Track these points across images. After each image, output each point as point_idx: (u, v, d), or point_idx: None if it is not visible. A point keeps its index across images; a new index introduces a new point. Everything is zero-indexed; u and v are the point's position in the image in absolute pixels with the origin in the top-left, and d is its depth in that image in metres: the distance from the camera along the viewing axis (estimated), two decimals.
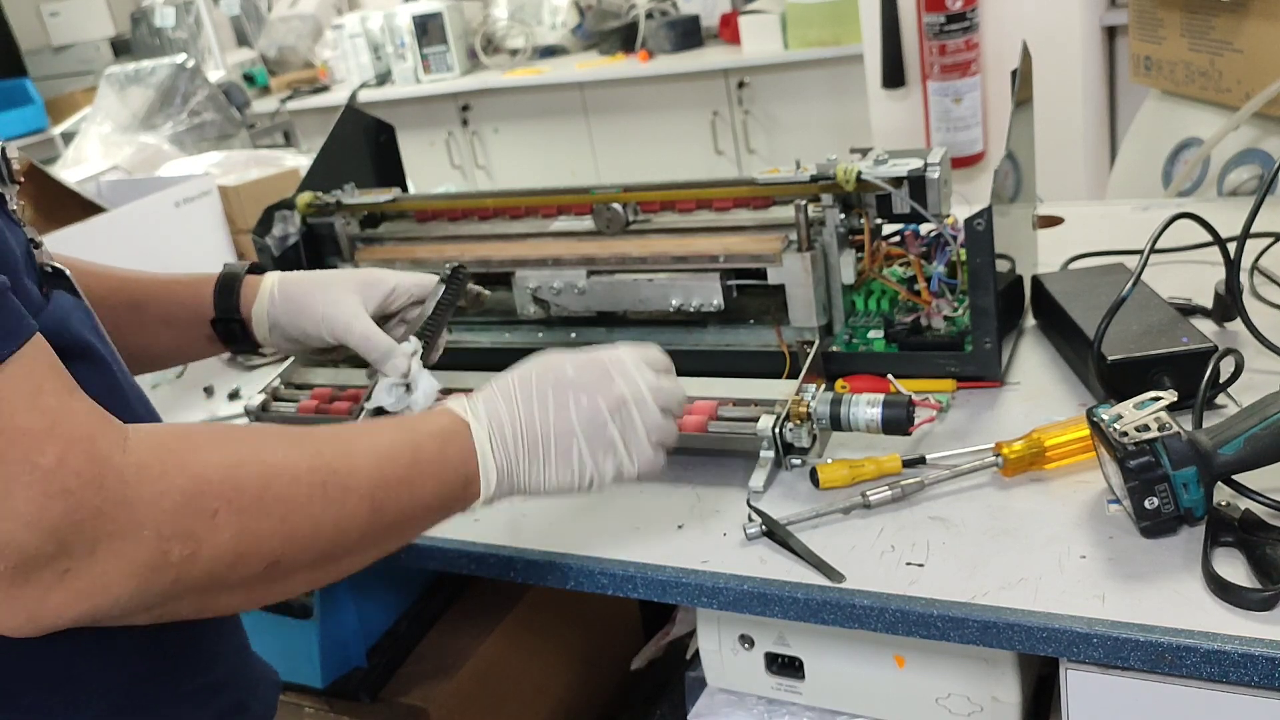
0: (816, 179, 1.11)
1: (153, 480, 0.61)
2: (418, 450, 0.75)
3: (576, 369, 0.82)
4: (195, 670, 0.78)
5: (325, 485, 0.68)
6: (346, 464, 0.70)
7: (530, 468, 0.80)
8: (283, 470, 0.67)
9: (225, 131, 3.43)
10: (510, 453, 0.80)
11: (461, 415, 0.79)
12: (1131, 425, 0.81)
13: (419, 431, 0.77)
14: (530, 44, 4.32)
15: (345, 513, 0.69)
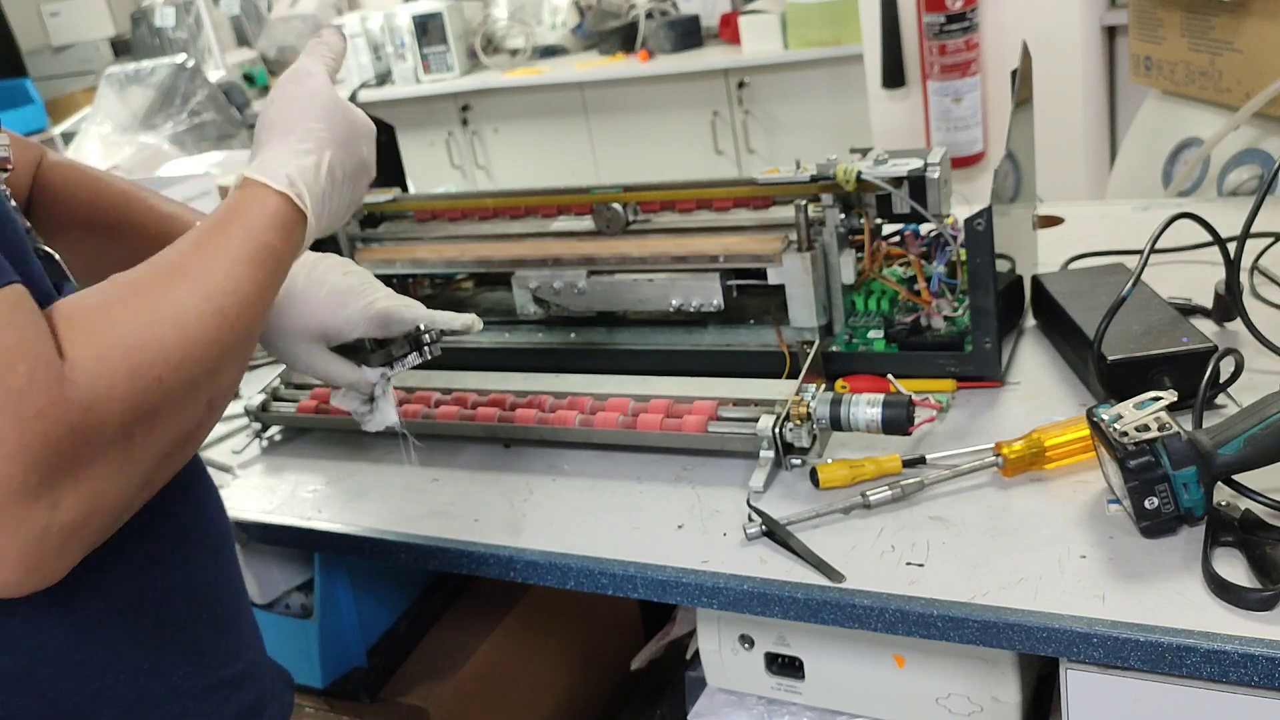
0: (816, 179, 1.11)
1: (99, 373, 0.61)
2: (273, 249, 0.77)
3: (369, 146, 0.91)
4: (219, 663, 0.79)
5: (224, 311, 0.70)
6: (233, 285, 0.72)
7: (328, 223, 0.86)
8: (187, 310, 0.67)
9: (225, 131, 3.43)
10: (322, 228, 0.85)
11: (299, 204, 0.81)
12: (1131, 425, 0.81)
13: (266, 228, 0.78)
14: (530, 44, 4.32)
15: (245, 328, 0.72)
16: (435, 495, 1.09)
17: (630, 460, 1.08)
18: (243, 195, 0.80)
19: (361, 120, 0.91)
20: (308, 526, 1.09)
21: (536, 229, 1.29)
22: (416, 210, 1.38)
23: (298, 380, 1.28)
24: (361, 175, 0.89)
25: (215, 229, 0.76)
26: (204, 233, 0.75)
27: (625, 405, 1.08)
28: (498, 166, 4.39)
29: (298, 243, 0.81)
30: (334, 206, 0.85)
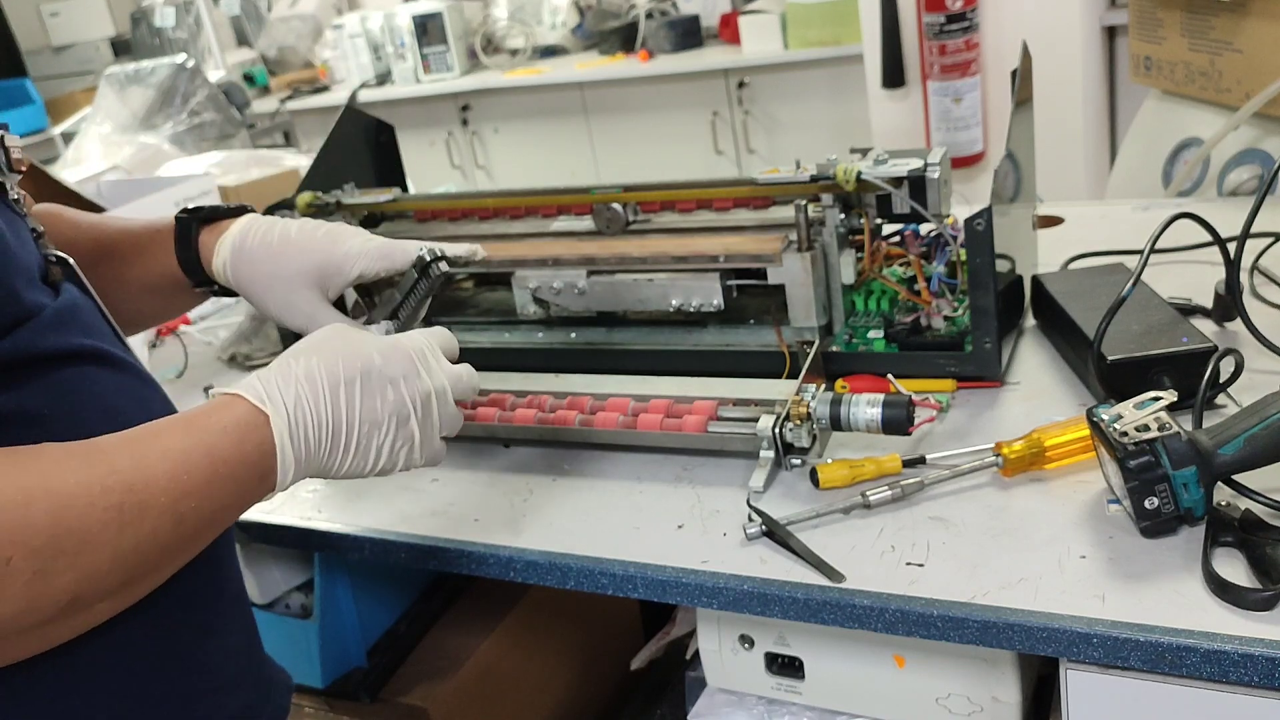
0: (816, 179, 1.11)
1: None
2: (213, 451, 0.69)
3: (384, 358, 0.79)
4: (204, 674, 0.78)
5: (122, 508, 0.63)
6: (142, 478, 0.65)
7: (330, 458, 0.77)
8: (75, 498, 0.62)
9: (225, 131, 3.43)
10: (312, 444, 0.75)
11: (259, 406, 0.73)
12: (1131, 425, 0.81)
13: (212, 429, 0.70)
14: (530, 44, 4.32)
15: (145, 533, 0.65)
16: (435, 495, 1.09)
17: (630, 460, 1.08)
18: (209, 401, 0.74)
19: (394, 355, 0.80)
20: (308, 526, 1.09)
21: (536, 229, 1.29)
22: (416, 210, 1.38)
23: None
24: (377, 400, 0.78)
25: (158, 424, 0.70)
26: (146, 425, 0.69)
27: (625, 405, 1.08)
28: (498, 166, 4.39)
29: (257, 449, 0.72)
30: (333, 424, 0.76)
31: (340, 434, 0.76)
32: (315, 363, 0.76)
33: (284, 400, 0.74)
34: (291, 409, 0.74)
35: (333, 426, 0.76)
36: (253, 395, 0.73)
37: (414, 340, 0.83)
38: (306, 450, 0.74)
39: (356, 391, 0.77)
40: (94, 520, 0.62)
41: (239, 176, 2.02)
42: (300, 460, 0.74)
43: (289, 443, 0.73)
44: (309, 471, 0.76)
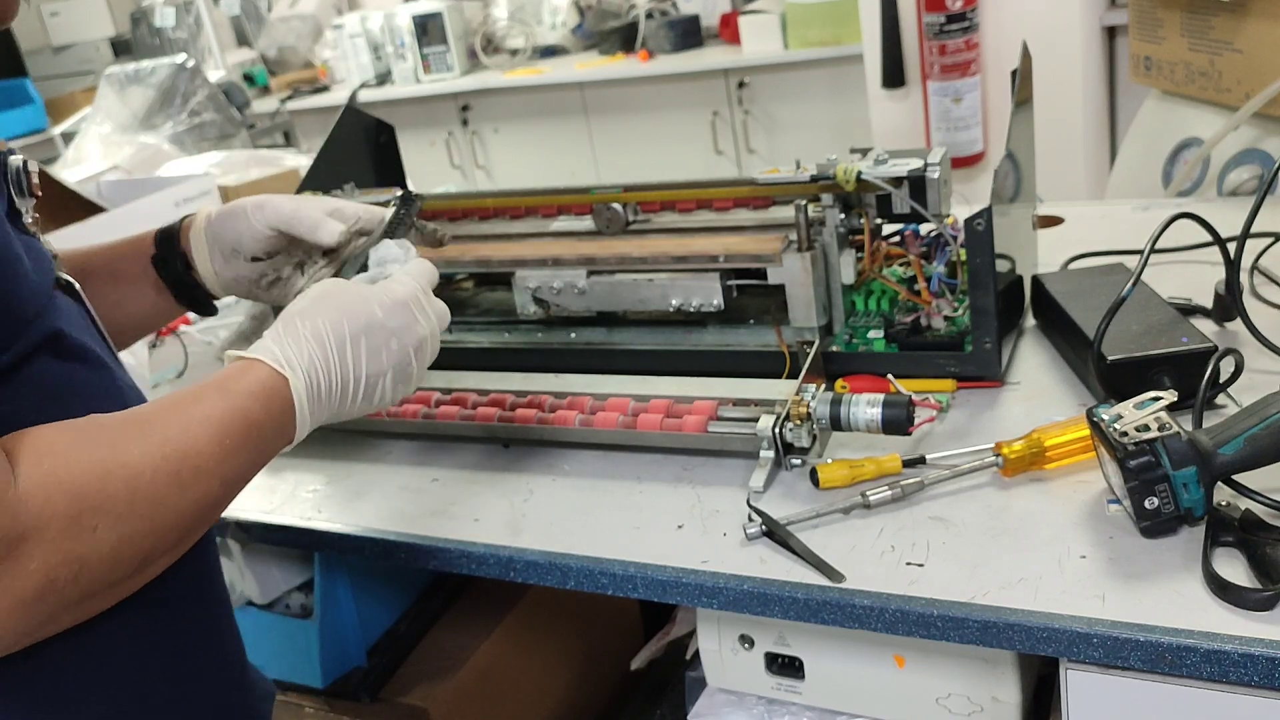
0: (816, 179, 1.11)
1: (37, 513, 0.61)
2: (248, 414, 0.74)
3: (384, 310, 0.83)
4: (188, 680, 0.79)
5: (180, 474, 0.69)
6: (193, 445, 0.70)
7: (340, 408, 0.81)
8: (144, 468, 0.67)
9: (225, 131, 3.43)
10: (324, 399, 0.80)
11: (279, 369, 0.77)
12: (1131, 425, 0.81)
13: (243, 394, 0.75)
14: (530, 44, 4.32)
15: (200, 494, 0.71)
16: (435, 495, 1.09)
17: (630, 460, 1.08)
18: (229, 366, 0.78)
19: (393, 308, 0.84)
20: (308, 526, 1.09)
21: (536, 229, 1.29)
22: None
23: None
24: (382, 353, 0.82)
25: (193, 391, 0.74)
26: (182, 393, 0.74)
27: (625, 405, 1.08)
28: (498, 166, 4.39)
29: (281, 410, 0.77)
30: (342, 379, 0.80)
31: (349, 386, 0.81)
32: (321, 323, 0.80)
33: (299, 362, 0.78)
34: (306, 370, 0.78)
35: (342, 381, 0.80)
36: (271, 359, 0.77)
37: (407, 287, 0.85)
38: (320, 405, 0.79)
39: (362, 347, 0.81)
40: (160, 486, 0.68)
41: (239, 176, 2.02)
42: (315, 415, 0.79)
43: (306, 402, 0.78)
44: (319, 422, 0.81)
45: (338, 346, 0.80)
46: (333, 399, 0.80)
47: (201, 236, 0.99)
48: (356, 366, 0.81)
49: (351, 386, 0.81)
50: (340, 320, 0.81)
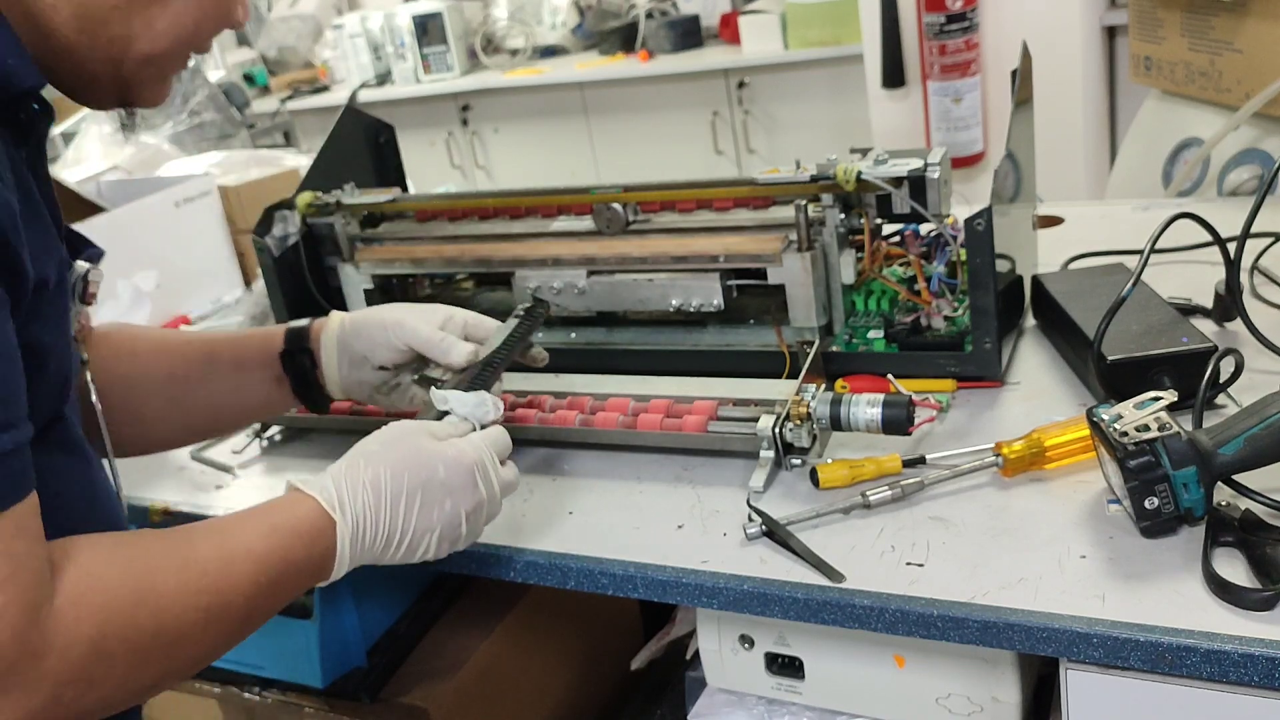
0: (816, 179, 1.11)
1: (65, 632, 0.63)
2: (288, 554, 0.77)
3: (447, 470, 0.84)
4: None
5: (209, 609, 0.71)
6: (228, 582, 0.73)
7: (380, 554, 0.84)
8: (174, 601, 0.69)
9: (225, 131, 3.43)
10: (367, 546, 0.82)
11: (329, 511, 0.80)
12: (1131, 425, 0.81)
13: (288, 532, 0.78)
14: (530, 44, 4.32)
15: (222, 630, 0.73)
16: None
17: (630, 460, 1.08)
18: (284, 497, 0.81)
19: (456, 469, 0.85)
20: None
21: (536, 229, 1.29)
22: (416, 210, 1.38)
23: None
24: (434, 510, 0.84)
25: (241, 520, 0.78)
26: (231, 520, 0.77)
27: (625, 405, 1.08)
28: (498, 166, 4.39)
29: (322, 552, 0.79)
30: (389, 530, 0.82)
31: (394, 537, 0.83)
32: (383, 471, 0.82)
33: (351, 508, 0.81)
34: (356, 516, 0.81)
35: (388, 532, 0.83)
36: (325, 499, 0.80)
37: (476, 450, 0.87)
38: (362, 551, 0.82)
39: (416, 502, 0.83)
40: (186, 622, 0.70)
41: (239, 176, 2.02)
42: (354, 560, 0.82)
43: (348, 548, 0.81)
44: (357, 564, 0.83)
45: (392, 497, 0.82)
46: (375, 547, 0.83)
47: (333, 342, 1.03)
48: (406, 520, 0.83)
49: (397, 538, 0.83)
50: (402, 472, 0.83)
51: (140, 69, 0.77)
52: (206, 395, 1.03)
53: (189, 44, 0.78)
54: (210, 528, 0.76)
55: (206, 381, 1.03)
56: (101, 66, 0.75)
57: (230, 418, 1.07)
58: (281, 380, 1.04)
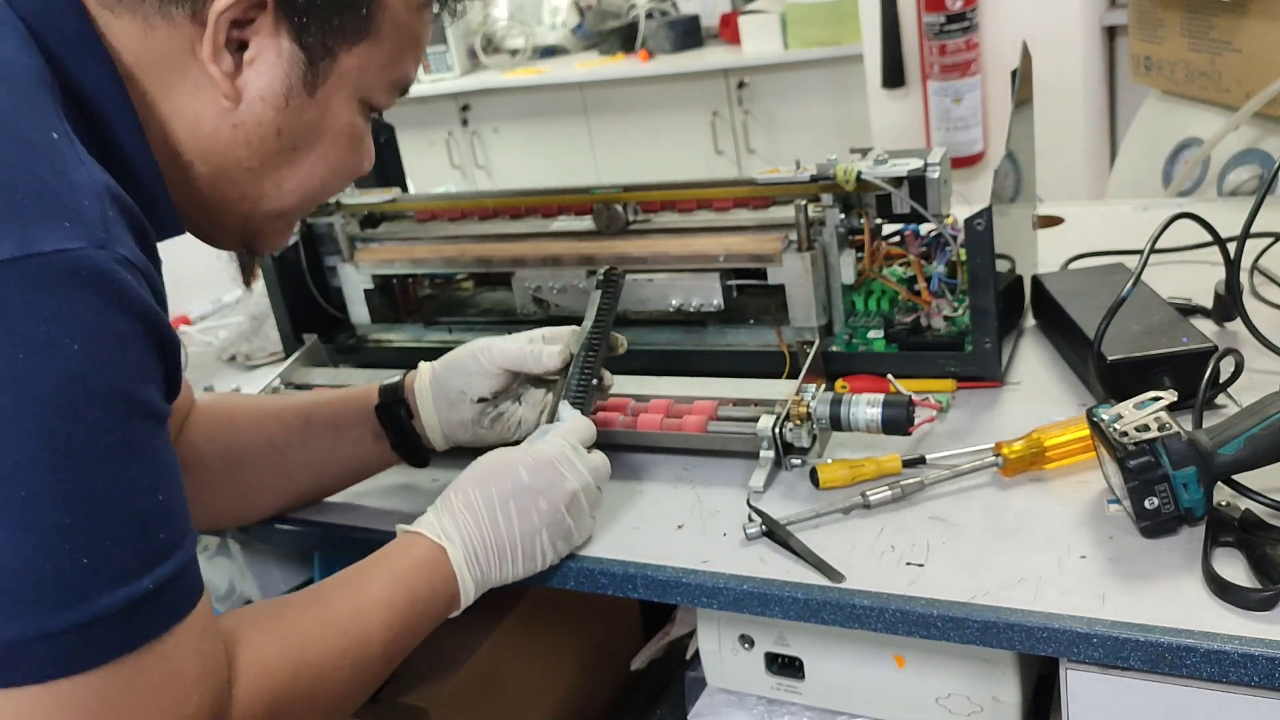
0: (816, 179, 1.11)
1: (240, 714, 0.67)
2: (413, 592, 0.82)
3: (530, 473, 0.88)
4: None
5: (353, 666, 0.77)
6: (365, 634, 0.78)
7: (500, 570, 0.88)
8: (323, 666, 0.74)
9: None
10: (483, 565, 0.87)
11: (436, 540, 0.85)
12: (1131, 425, 0.81)
13: (408, 570, 0.83)
14: (530, 44, 4.32)
15: (368, 677, 0.79)
16: (435, 495, 1.09)
17: (630, 460, 1.08)
18: (396, 541, 0.87)
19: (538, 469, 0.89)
20: (308, 527, 1.09)
21: (536, 229, 1.29)
22: (416, 210, 1.38)
23: (298, 381, 1.28)
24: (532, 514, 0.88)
25: (364, 570, 0.83)
26: (354, 573, 0.82)
27: (625, 405, 1.08)
28: (498, 166, 4.39)
29: (444, 581, 0.84)
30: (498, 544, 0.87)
31: (505, 550, 0.87)
32: (471, 492, 0.87)
33: (456, 532, 0.86)
34: (464, 539, 0.86)
35: (497, 545, 0.87)
36: (431, 532, 0.86)
37: (554, 446, 0.90)
38: (481, 571, 0.86)
39: (511, 511, 0.87)
40: (335, 681, 0.75)
41: None
42: (478, 580, 0.86)
43: (466, 569, 0.85)
44: (486, 586, 0.88)
45: (488, 513, 0.86)
46: (492, 563, 0.87)
47: (427, 387, 1.03)
48: (509, 530, 0.87)
49: (508, 549, 0.87)
50: (489, 487, 0.87)
51: (267, 222, 0.81)
52: (306, 459, 1.04)
53: (316, 199, 0.81)
54: (340, 584, 0.81)
55: (306, 445, 1.03)
56: (231, 219, 0.79)
57: (331, 480, 1.07)
58: (380, 436, 1.04)
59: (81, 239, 0.57)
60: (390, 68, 0.78)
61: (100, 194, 0.60)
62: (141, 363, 0.61)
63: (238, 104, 0.72)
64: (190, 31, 0.70)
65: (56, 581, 0.56)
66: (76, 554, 0.56)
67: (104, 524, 0.58)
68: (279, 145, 0.75)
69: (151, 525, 0.61)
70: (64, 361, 0.56)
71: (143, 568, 0.59)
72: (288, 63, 0.72)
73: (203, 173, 0.75)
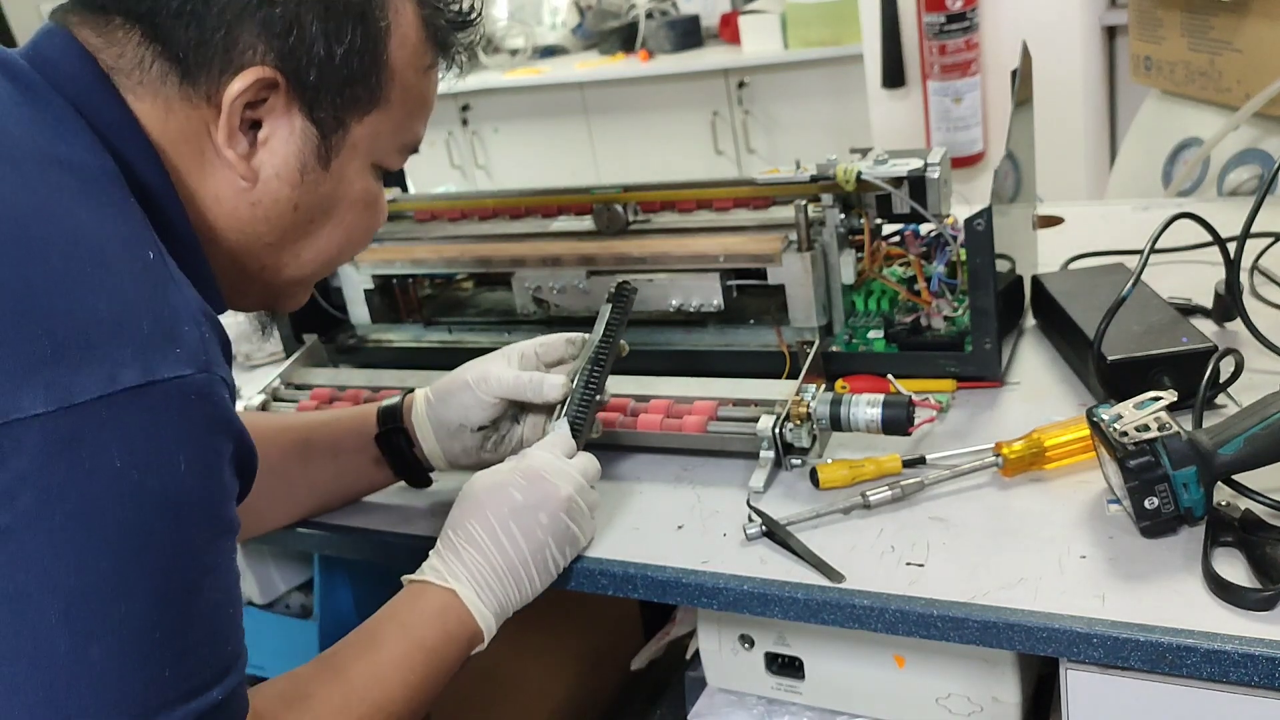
0: (816, 179, 1.11)
1: None
2: (426, 643, 0.82)
3: (523, 491, 0.88)
4: None
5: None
6: (386, 695, 0.78)
7: (519, 593, 0.88)
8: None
9: None
10: (499, 594, 0.86)
11: (443, 585, 0.85)
12: (1131, 425, 0.81)
13: (418, 623, 0.83)
14: (530, 44, 4.32)
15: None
16: (435, 496, 1.09)
17: (630, 460, 1.08)
18: (403, 593, 0.86)
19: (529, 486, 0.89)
20: (307, 528, 1.09)
21: (536, 229, 1.29)
22: (416, 210, 1.38)
23: (298, 381, 1.28)
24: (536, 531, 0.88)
25: (375, 630, 0.82)
26: (366, 634, 0.82)
27: (625, 405, 1.08)
28: (498, 166, 4.39)
29: (458, 623, 0.84)
30: (509, 568, 0.87)
31: (519, 571, 0.87)
32: (471, 526, 0.87)
33: (462, 569, 0.85)
34: (471, 576, 0.85)
35: (510, 570, 0.87)
36: (435, 578, 0.86)
37: (539, 459, 0.90)
38: (498, 600, 0.86)
39: (515, 532, 0.87)
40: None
41: None
42: (496, 611, 0.86)
43: (481, 604, 0.85)
44: (509, 612, 0.88)
45: (492, 541, 0.86)
46: (508, 589, 0.87)
47: (424, 420, 1.02)
48: (518, 551, 0.87)
49: (521, 570, 0.87)
50: (485, 516, 0.87)
51: (287, 289, 0.83)
52: (307, 483, 1.04)
53: (335, 264, 0.83)
54: (354, 650, 0.81)
55: (305, 471, 1.03)
56: (253, 287, 0.80)
57: (334, 500, 1.08)
58: (380, 462, 1.04)
59: (190, 364, 0.60)
60: (401, 131, 0.79)
61: (197, 316, 0.63)
62: (229, 481, 0.64)
63: (254, 183, 0.73)
64: (206, 113, 0.70)
65: (141, 694, 0.58)
66: (162, 666, 0.58)
67: (189, 639, 0.60)
68: (296, 219, 0.76)
69: (224, 638, 0.63)
70: (174, 481, 0.59)
71: (214, 679, 0.61)
72: (301, 139, 0.73)
73: (224, 248, 0.76)
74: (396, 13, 0.75)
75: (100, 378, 0.56)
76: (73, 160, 0.65)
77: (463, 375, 1.01)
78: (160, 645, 0.58)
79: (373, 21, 0.73)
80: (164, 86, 0.70)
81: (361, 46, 0.73)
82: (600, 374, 1.00)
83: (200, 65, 0.69)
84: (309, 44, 0.71)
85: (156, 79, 0.70)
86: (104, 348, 0.57)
